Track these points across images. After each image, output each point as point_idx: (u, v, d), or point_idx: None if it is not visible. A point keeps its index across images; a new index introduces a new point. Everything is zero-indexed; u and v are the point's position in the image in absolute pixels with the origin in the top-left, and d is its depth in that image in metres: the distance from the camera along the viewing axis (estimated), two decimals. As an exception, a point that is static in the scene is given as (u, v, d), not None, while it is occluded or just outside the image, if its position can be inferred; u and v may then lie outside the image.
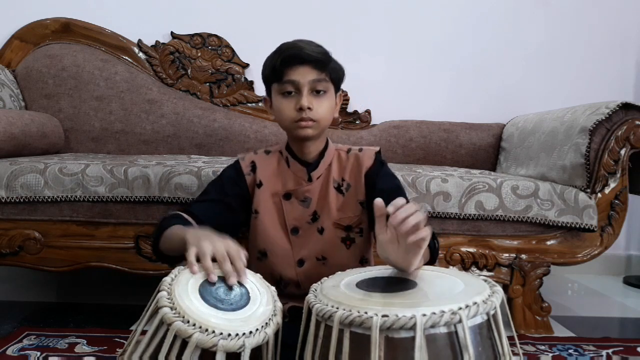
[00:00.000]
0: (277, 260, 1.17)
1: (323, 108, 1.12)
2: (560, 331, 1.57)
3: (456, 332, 0.72)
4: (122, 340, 1.33)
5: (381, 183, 1.16)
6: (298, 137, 1.15)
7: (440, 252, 1.42)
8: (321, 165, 1.18)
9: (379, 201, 0.84)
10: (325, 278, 0.92)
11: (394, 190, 1.15)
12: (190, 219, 1.09)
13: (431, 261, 1.02)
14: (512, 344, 0.81)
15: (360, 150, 1.21)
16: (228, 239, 0.90)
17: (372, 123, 2.26)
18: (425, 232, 0.78)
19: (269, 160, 1.21)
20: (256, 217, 1.18)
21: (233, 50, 2.24)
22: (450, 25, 2.29)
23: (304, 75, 1.10)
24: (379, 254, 0.86)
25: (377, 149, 1.21)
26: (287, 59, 1.10)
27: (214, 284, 0.83)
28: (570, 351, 1.39)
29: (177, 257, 1.03)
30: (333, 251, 1.16)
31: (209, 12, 2.24)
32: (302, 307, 0.86)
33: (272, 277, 1.17)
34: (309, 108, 1.09)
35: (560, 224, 1.52)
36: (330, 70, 1.13)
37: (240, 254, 0.88)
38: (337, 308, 0.76)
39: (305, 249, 1.16)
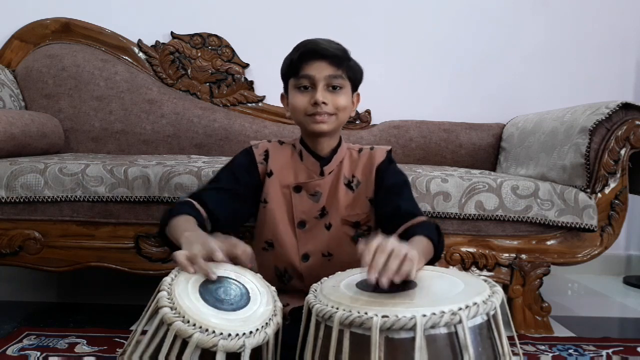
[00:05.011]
0: (283, 252, 1.17)
1: (338, 103, 1.13)
2: (560, 331, 1.57)
3: (456, 332, 0.72)
4: (122, 340, 1.33)
5: (389, 178, 1.17)
6: (312, 132, 1.15)
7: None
8: (334, 161, 1.19)
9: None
10: (325, 278, 0.92)
11: (400, 184, 1.17)
12: (200, 208, 1.07)
13: (435, 257, 1.02)
14: (512, 344, 0.81)
15: (372, 148, 1.22)
16: (230, 239, 0.91)
17: (372, 123, 2.26)
18: (408, 267, 0.78)
19: (282, 150, 1.22)
20: (265, 206, 1.18)
21: (233, 50, 2.24)
22: (450, 25, 2.29)
23: (320, 71, 1.11)
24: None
25: (389, 147, 1.23)
26: (304, 54, 1.11)
27: (214, 283, 0.83)
28: (570, 351, 1.39)
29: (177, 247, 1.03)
30: (339, 248, 1.16)
31: (209, 12, 2.24)
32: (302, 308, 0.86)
33: (276, 269, 1.17)
34: (323, 103, 1.11)
35: (560, 224, 1.52)
36: (348, 68, 1.14)
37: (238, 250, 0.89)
38: (337, 308, 0.76)
39: (311, 244, 1.17)
